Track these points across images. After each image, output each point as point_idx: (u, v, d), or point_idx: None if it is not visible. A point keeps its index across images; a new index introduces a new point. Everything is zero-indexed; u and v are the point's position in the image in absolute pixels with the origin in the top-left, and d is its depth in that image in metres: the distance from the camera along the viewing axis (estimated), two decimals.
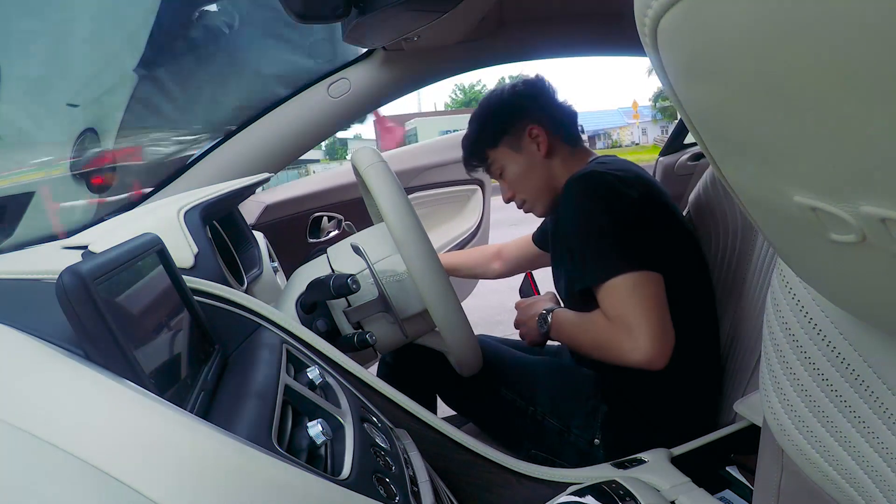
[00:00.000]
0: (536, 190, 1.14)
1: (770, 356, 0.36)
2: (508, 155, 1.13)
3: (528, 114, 1.12)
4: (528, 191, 1.14)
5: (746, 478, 0.75)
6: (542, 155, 1.11)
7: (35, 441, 0.34)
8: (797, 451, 0.36)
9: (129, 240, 0.56)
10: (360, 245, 0.91)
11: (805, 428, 0.35)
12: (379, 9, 0.96)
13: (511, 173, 1.14)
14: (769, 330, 0.36)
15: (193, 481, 0.36)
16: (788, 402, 0.35)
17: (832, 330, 0.31)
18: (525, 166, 1.12)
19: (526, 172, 1.13)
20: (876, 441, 0.31)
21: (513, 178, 1.14)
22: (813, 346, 0.33)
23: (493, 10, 1.29)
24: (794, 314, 0.33)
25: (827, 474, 0.35)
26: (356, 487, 0.46)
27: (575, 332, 1.01)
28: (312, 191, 1.79)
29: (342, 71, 1.44)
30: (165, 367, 0.52)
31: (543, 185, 1.13)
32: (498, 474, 0.76)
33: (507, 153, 1.13)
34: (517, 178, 1.14)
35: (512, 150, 1.13)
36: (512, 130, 1.12)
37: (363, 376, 0.74)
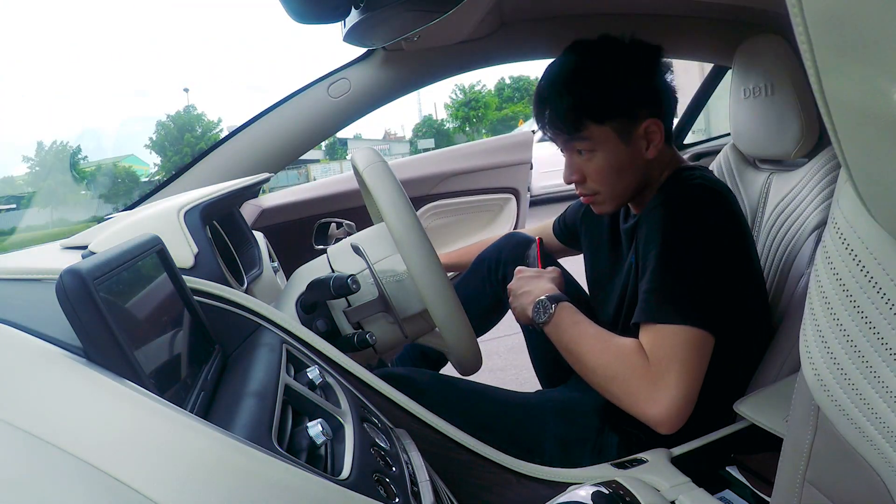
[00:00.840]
0: (622, 190, 0.96)
1: (816, 310, 0.36)
2: (611, 141, 0.91)
3: (655, 103, 0.92)
4: (612, 188, 0.95)
5: (746, 478, 0.75)
6: (648, 157, 0.93)
7: (35, 441, 0.34)
8: (835, 408, 0.36)
9: (129, 240, 0.56)
10: (360, 245, 0.91)
11: (847, 382, 0.34)
12: (379, 9, 0.96)
13: (602, 162, 0.92)
14: (817, 283, 0.36)
15: (193, 481, 0.36)
16: (832, 356, 0.35)
17: (885, 278, 0.32)
18: (625, 162, 0.93)
19: (621, 169, 0.93)
20: None
21: (601, 167, 0.93)
22: (863, 295, 0.33)
23: (493, 10, 1.29)
24: (846, 264, 0.33)
25: (864, 431, 0.34)
26: (356, 487, 0.46)
27: (587, 343, 0.87)
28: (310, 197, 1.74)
29: (342, 71, 1.44)
30: (165, 367, 0.52)
31: (632, 188, 0.96)
32: (498, 474, 0.76)
33: (611, 138, 0.91)
34: (606, 171, 0.93)
35: (618, 137, 0.91)
36: (630, 114, 0.91)
37: (363, 376, 0.74)
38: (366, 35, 1.15)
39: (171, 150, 30.12)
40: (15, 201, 24.22)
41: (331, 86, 1.43)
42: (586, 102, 0.90)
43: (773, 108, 1.11)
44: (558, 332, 0.90)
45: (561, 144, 0.95)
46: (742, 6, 1.32)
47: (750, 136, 1.20)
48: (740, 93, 1.18)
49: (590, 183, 0.95)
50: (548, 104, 0.93)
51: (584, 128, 0.91)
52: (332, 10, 0.97)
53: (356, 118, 1.48)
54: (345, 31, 1.09)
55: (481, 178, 1.92)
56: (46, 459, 0.34)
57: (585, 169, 0.95)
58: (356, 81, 1.43)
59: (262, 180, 1.19)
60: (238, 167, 1.41)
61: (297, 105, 1.44)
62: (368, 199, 1.12)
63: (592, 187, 0.96)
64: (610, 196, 0.96)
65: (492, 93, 36.32)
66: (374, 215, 1.18)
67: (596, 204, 0.99)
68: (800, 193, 1.12)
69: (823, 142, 1.09)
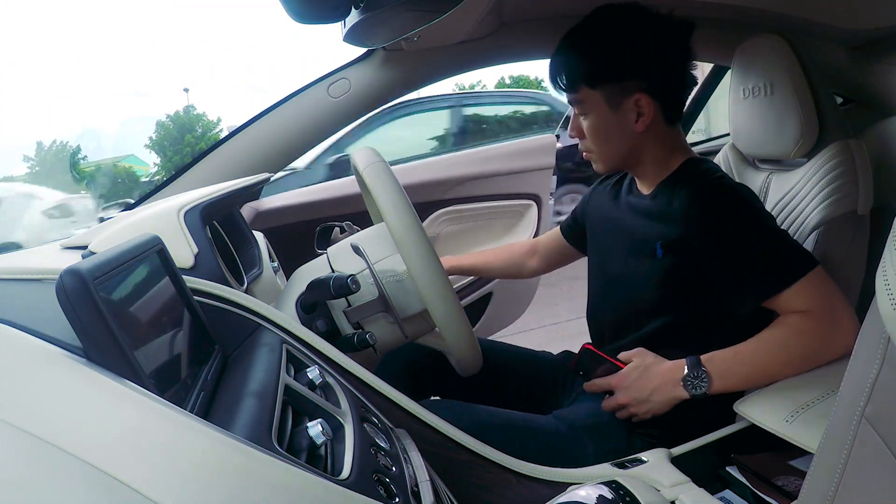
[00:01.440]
0: (612, 153, 1.01)
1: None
2: (600, 106, 0.96)
3: (648, 76, 0.94)
4: (601, 149, 1.00)
5: (746, 478, 0.75)
6: (636, 129, 0.96)
7: (35, 441, 0.34)
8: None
9: (129, 240, 0.56)
10: (360, 245, 0.91)
11: None
12: (379, 9, 0.95)
13: (592, 124, 0.98)
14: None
15: (193, 481, 0.36)
16: None
17: None
18: (612, 129, 0.98)
19: (608, 133, 0.98)
20: None
21: (591, 128, 0.99)
22: None
23: (493, 10, 1.29)
24: None
25: None
26: (356, 487, 0.46)
27: (760, 361, 0.85)
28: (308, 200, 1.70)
29: (342, 71, 1.44)
30: (165, 367, 0.52)
31: (622, 154, 1.00)
32: (498, 474, 0.76)
33: (600, 104, 0.96)
34: (595, 133, 0.99)
35: (607, 104, 0.96)
36: (620, 83, 0.94)
37: (363, 376, 0.74)
38: (366, 35, 1.15)
39: (171, 150, 30.08)
40: None
41: (331, 86, 1.43)
42: (579, 66, 0.96)
43: (772, 107, 1.11)
44: (725, 382, 0.86)
45: (568, 100, 1.02)
46: (742, 6, 1.32)
47: (749, 135, 1.20)
48: (739, 93, 1.18)
49: (585, 140, 1.02)
50: (553, 62, 1.00)
51: (578, 89, 0.97)
52: (332, 10, 0.97)
53: (356, 118, 1.48)
54: (345, 31, 1.09)
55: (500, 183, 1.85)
56: (46, 459, 0.34)
57: (582, 126, 1.01)
58: (356, 81, 1.43)
59: (262, 180, 1.20)
60: (238, 167, 1.41)
61: (297, 105, 1.44)
62: (368, 199, 1.12)
63: (587, 144, 1.02)
64: (600, 156, 1.02)
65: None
66: (374, 215, 1.18)
67: (592, 161, 1.04)
68: (799, 193, 1.12)
69: (822, 141, 1.09)
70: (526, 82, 37.06)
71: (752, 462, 0.77)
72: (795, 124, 1.08)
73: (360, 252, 0.91)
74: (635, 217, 1.03)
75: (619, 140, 0.99)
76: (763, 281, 0.86)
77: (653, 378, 0.89)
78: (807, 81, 1.07)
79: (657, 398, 0.89)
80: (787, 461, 0.76)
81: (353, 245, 0.92)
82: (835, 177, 1.06)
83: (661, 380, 0.89)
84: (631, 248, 1.00)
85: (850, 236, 1.06)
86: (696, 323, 0.95)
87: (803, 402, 0.76)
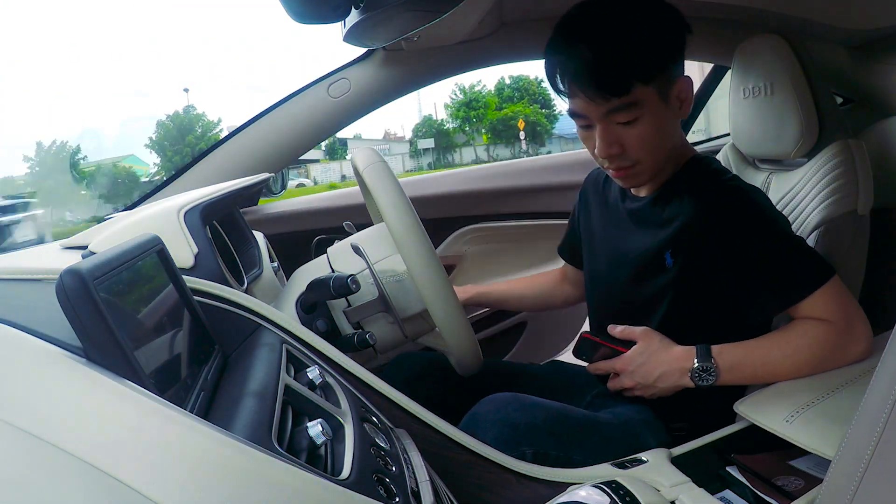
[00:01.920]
0: (663, 156, 0.90)
1: None
2: (654, 102, 0.84)
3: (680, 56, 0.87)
4: (654, 155, 0.89)
5: (746, 478, 0.75)
6: (682, 116, 0.89)
7: (35, 441, 0.34)
8: None
9: (129, 240, 0.56)
10: (360, 245, 0.91)
11: None
12: (379, 9, 0.96)
13: (646, 127, 0.85)
14: None
15: (193, 481, 0.36)
16: None
17: None
18: (665, 125, 0.87)
19: (663, 133, 0.88)
20: None
21: (645, 133, 0.86)
22: None
23: (493, 10, 1.29)
24: None
25: None
26: (356, 487, 0.46)
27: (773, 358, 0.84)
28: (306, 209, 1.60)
29: (342, 71, 1.45)
30: (165, 367, 0.52)
31: (667, 156, 0.91)
32: (498, 474, 0.76)
33: (654, 100, 0.84)
34: (650, 136, 0.86)
35: (659, 98, 0.85)
36: (668, 72, 0.85)
37: (363, 376, 0.74)
38: (366, 35, 1.15)
39: (171, 150, 30.12)
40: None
41: (331, 86, 1.43)
42: (631, 61, 0.82)
43: (772, 108, 1.11)
44: (732, 377, 0.85)
45: (597, 115, 0.86)
46: (742, 6, 1.32)
47: (749, 135, 1.20)
48: (740, 93, 1.18)
49: (629, 153, 0.88)
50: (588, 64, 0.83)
51: (632, 90, 0.82)
52: (332, 10, 0.97)
53: (356, 118, 1.48)
54: (345, 31, 1.09)
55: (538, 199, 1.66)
56: (46, 459, 0.34)
57: (626, 138, 0.86)
58: (356, 81, 1.43)
59: (262, 180, 1.20)
60: (238, 167, 1.41)
61: (297, 105, 1.44)
62: (368, 199, 1.12)
63: (633, 157, 0.88)
64: (650, 165, 0.90)
65: (492, 93, 36.31)
66: (374, 215, 1.18)
67: (631, 176, 0.92)
68: (799, 193, 1.12)
69: (823, 141, 1.09)
70: (526, 82, 37.04)
71: (752, 462, 0.77)
72: (795, 124, 1.08)
73: (360, 252, 0.91)
74: (637, 228, 0.98)
75: (670, 138, 0.90)
76: (781, 291, 0.84)
77: (659, 364, 0.87)
78: (807, 81, 1.07)
79: (662, 384, 0.87)
80: (787, 461, 0.76)
81: (353, 245, 0.92)
82: (835, 177, 1.06)
83: (668, 367, 0.86)
84: (638, 264, 0.96)
85: (850, 236, 1.06)
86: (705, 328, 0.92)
87: (803, 402, 0.76)
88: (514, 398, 0.90)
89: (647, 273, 0.95)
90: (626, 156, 0.88)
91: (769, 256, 0.85)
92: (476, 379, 1.01)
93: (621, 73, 0.82)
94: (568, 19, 0.87)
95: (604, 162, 0.91)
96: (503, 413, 0.87)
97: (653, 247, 0.93)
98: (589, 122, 0.88)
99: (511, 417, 0.86)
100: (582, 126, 0.91)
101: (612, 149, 0.87)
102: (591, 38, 0.83)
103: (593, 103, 0.84)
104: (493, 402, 0.89)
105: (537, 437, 0.85)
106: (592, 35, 0.83)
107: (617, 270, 1.01)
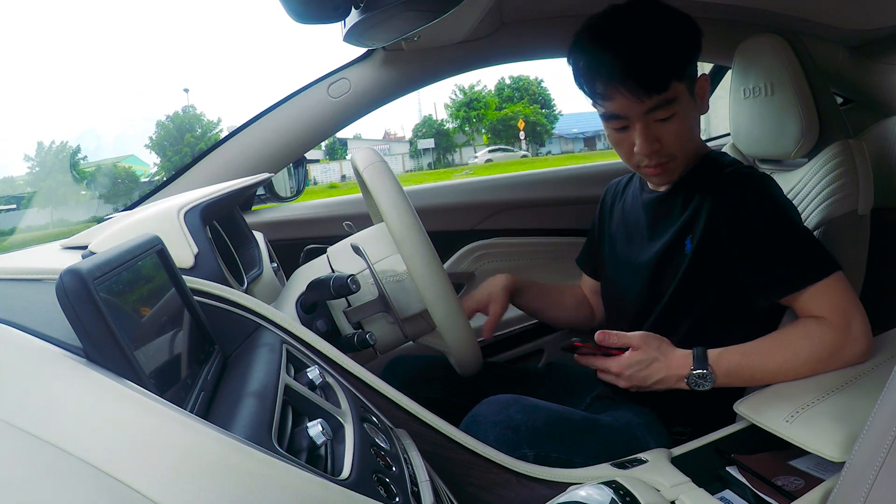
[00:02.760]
0: (690, 150, 0.95)
1: None
2: (686, 98, 0.90)
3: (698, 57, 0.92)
4: (686, 149, 0.94)
5: (746, 478, 0.75)
6: (704, 111, 0.95)
7: (35, 441, 0.34)
8: None
9: (129, 240, 0.56)
10: (360, 245, 0.91)
11: None
12: (379, 9, 0.95)
13: (680, 123, 0.90)
14: None
15: (193, 481, 0.36)
16: None
17: None
18: (693, 120, 0.93)
19: (693, 127, 0.93)
20: None
21: (680, 129, 0.90)
22: None
23: (493, 10, 1.29)
24: None
25: None
26: (356, 487, 0.46)
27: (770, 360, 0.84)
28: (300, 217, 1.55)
29: (342, 71, 1.45)
30: (165, 367, 0.52)
31: (695, 149, 0.96)
32: (498, 474, 0.76)
33: (686, 95, 0.90)
34: (684, 131, 0.91)
35: (689, 94, 0.90)
36: (694, 69, 0.91)
37: (363, 376, 0.74)
38: (366, 35, 1.15)
39: (171, 150, 30.14)
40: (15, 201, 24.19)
41: (331, 86, 1.43)
42: (669, 59, 0.87)
43: (772, 108, 1.11)
44: (729, 381, 0.86)
45: (637, 113, 0.88)
46: (742, 6, 1.32)
47: (749, 136, 1.20)
48: (740, 93, 1.18)
49: (666, 149, 0.91)
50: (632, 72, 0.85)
51: (670, 86, 0.87)
52: (332, 10, 0.97)
53: (356, 118, 1.48)
54: (345, 31, 1.09)
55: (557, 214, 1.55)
56: (46, 459, 0.34)
57: (664, 134, 0.90)
58: (356, 81, 1.43)
59: (262, 180, 1.19)
60: (238, 167, 1.41)
61: (297, 105, 1.44)
62: (368, 199, 1.12)
63: (669, 153, 0.92)
64: (683, 160, 0.94)
65: (492, 93, 36.32)
66: (374, 215, 1.18)
67: (667, 172, 0.95)
68: (799, 193, 1.12)
69: (823, 141, 1.09)
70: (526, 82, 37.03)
71: (752, 462, 0.77)
72: (796, 124, 1.08)
73: (360, 252, 0.91)
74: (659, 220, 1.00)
75: (697, 132, 0.95)
76: (786, 275, 0.85)
77: (656, 371, 0.87)
78: (807, 81, 1.07)
79: (657, 388, 0.88)
80: (787, 461, 0.76)
81: (353, 245, 0.92)
82: (835, 177, 1.06)
83: (665, 374, 0.87)
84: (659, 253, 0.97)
85: (850, 236, 1.06)
86: (713, 316, 0.94)
87: (803, 402, 0.76)
88: (514, 400, 0.90)
89: (667, 262, 0.96)
90: (664, 152, 0.91)
91: (778, 240, 0.86)
92: (475, 381, 1.01)
93: (661, 70, 0.86)
94: (598, 22, 0.90)
95: (642, 160, 0.93)
96: (504, 415, 0.87)
97: (674, 235, 0.96)
98: (626, 122, 0.91)
99: (512, 419, 0.86)
100: (618, 129, 0.93)
101: (653, 146, 0.90)
102: (630, 39, 0.86)
103: (635, 102, 0.87)
104: (494, 404, 0.89)
105: (538, 439, 0.85)
106: (630, 35, 0.86)
107: (638, 266, 1.02)
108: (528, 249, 1.56)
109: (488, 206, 1.56)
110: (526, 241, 1.56)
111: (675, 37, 0.88)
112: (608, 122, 0.93)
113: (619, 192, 1.14)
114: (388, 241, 0.92)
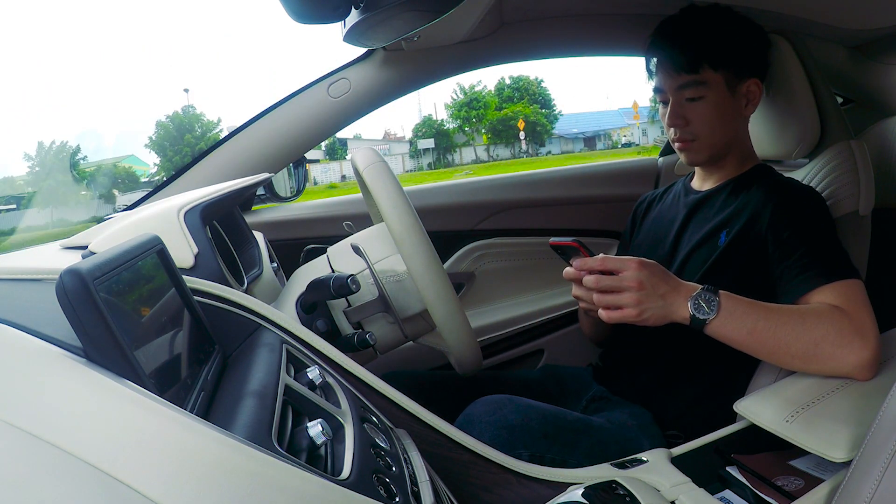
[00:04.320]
0: (719, 139, 1.02)
1: None
2: (720, 88, 0.99)
3: (760, 62, 1.04)
4: (711, 135, 1.02)
5: (746, 478, 0.75)
6: (746, 113, 1.03)
7: (35, 441, 0.34)
8: None
9: (129, 240, 0.56)
10: (360, 245, 0.91)
11: None
12: (379, 9, 0.95)
13: (708, 107, 1.00)
14: None
15: (193, 481, 0.36)
16: None
17: None
18: (727, 113, 1.01)
19: (723, 117, 1.01)
20: None
21: (706, 113, 1.00)
22: None
23: (493, 9, 1.29)
24: None
25: None
26: (356, 487, 0.46)
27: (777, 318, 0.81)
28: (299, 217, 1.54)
29: (342, 71, 1.44)
30: (165, 367, 0.52)
31: (727, 139, 1.03)
32: (498, 474, 0.76)
33: (720, 86, 0.99)
34: (710, 117, 1.00)
35: (726, 88, 1.00)
36: (740, 66, 1.00)
37: (363, 376, 0.74)
38: (366, 35, 1.15)
39: (171, 150, 30.14)
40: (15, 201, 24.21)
41: (331, 86, 1.43)
42: (707, 45, 0.98)
43: (773, 108, 1.11)
44: (733, 319, 0.80)
45: (671, 88, 1.02)
46: (742, 6, 1.31)
47: (751, 136, 1.20)
48: None
49: (691, 127, 1.02)
50: (671, 43, 1.01)
51: (701, 69, 0.98)
52: (332, 10, 0.97)
53: (356, 118, 1.48)
54: (345, 31, 1.09)
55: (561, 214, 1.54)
56: (46, 459, 0.34)
57: (690, 113, 1.01)
58: (356, 81, 1.43)
59: (262, 180, 1.19)
60: (238, 167, 1.41)
61: (297, 105, 1.44)
62: (368, 199, 1.12)
63: (693, 132, 1.02)
64: (707, 143, 1.02)
65: (492, 93, 36.34)
66: (374, 215, 1.18)
67: (691, 151, 1.04)
68: None
69: (824, 142, 1.09)
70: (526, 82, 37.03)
71: (752, 462, 0.77)
72: (797, 125, 1.08)
73: (360, 252, 0.91)
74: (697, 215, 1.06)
75: (730, 125, 1.03)
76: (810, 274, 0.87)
77: (666, 281, 0.81)
78: (808, 82, 1.07)
79: (660, 308, 0.81)
80: (787, 461, 0.76)
81: (353, 245, 0.92)
82: (836, 177, 1.06)
83: (673, 286, 0.82)
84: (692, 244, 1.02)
85: (851, 236, 1.06)
86: None
87: (803, 402, 0.76)
88: (508, 400, 0.90)
89: (697, 252, 1.00)
90: (689, 130, 1.02)
91: (813, 241, 0.90)
92: (469, 384, 1.01)
93: (695, 53, 0.98)
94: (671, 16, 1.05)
95: (672, 132, 1.04)
96: (498, 415, 0.87)
97: (710, 229, 1.01)
98: (665, 97, 1.04)
99: (506, 419, 0.86)
100: (661, 101, 1.06)
101: (677, 120, 1.02)
102: (680, 25, 1.02)
103: (668, 77, 1.01)
104: (488, 404, 0.89)
105: (533, 439, 0.86)
106: (681, 24, 1.02)
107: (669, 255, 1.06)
108: (528, 249, 1.55)
109: (488, 206, 1.55)
110: (526, 241, 1.55)
111: (722, 32, 0.99)
112: (656, 94, 1.06)
113: (657, 199, 1.20)
114: (388, 241, 0.92)
